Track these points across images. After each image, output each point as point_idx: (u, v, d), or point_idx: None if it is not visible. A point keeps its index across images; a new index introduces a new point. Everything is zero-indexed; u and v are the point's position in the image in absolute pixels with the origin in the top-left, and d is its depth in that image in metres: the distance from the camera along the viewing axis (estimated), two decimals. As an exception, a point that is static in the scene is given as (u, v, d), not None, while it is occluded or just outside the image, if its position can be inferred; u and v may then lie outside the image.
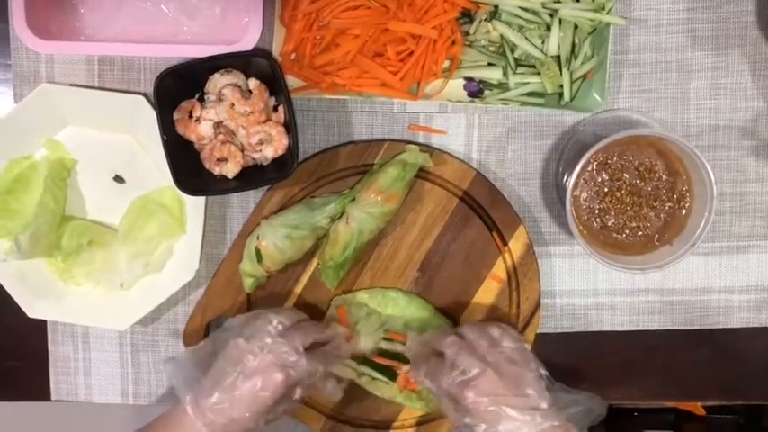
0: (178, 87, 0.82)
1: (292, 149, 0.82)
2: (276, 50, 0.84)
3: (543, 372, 0.78)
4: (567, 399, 0.77)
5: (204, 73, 0.83)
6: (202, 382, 0.75)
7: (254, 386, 0.73)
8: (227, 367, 0.74)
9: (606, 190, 0.83)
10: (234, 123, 0.82)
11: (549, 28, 0.82)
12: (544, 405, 0.74)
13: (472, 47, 0.84)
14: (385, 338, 0.87)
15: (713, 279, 0.90)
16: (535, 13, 0.82)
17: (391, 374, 0.87)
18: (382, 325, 0.86)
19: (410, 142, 0.87)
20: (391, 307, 0.87)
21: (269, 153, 0.83)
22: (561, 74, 0.83)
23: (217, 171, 0.83)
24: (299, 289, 0.88)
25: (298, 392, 0.77)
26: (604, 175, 0.83)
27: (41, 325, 0.92)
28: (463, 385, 0.74)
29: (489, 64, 0.85)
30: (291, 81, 0.84)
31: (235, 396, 0.73)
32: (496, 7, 0.82)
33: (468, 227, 0.87)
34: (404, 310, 0.87)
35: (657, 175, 0.83)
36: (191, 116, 0.83)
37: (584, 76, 0.84)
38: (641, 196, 0.83)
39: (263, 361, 0.74)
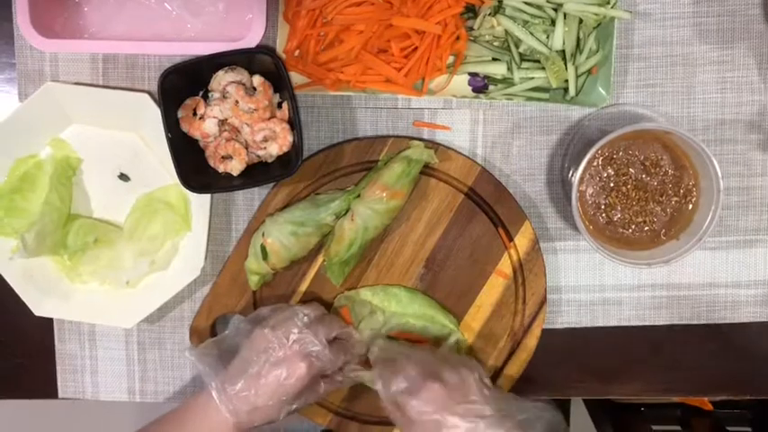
0: (182, 85, 0.82)
1: (297, 146, 0.82)
2: (280, 47, 0.84)
3: (486, 380, 0.79)
4: (515, 406, 0.77)
5: (208, 70, 0.83)
6: (228, 370, 0.77)
7: (279, 375, 0.75)
8: (254, 356, 0.77)
9: (612, 185, 0.82)
10: (238, 121, 0.82)
11: (553, 22, 0.82)
12: (488, 412, 0.74)
13: (476, 42, 0.84)
14: (389, 336, 0.87)
15: (720, 274, 0.90)
16: (539, 7, 0.81)
17: None
18: (386, 322, 0.86)
19: (415, 138, 0.87)
20: (395, 304, 0.87)
21: (273, 150, 0.83)
22: (566, 69, 0.83)
23: (221, 168, 0.83)
24: (304, 286, 0.88)
25: (322, 386, 0.80)
26: (610, 170, 0.82)
27: (48, 323, 0.92)
28: (407, 393, 0.75)
29: (494, 59, 0.84)
30: (295, 78, 0.84)
31: (260, 384, 0.75)
32: (500, 2, 0.82)
33: (474, 223, 0.87)
34: (407, 306, 0.87)
35: (663, 169, 0.82)
36: (195, 114, 0.83)
37: (589, 71, 0.84)
38: (647, 191, 0.82)
39: (290, 351, 0.76)
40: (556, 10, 0.81)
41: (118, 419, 1.41)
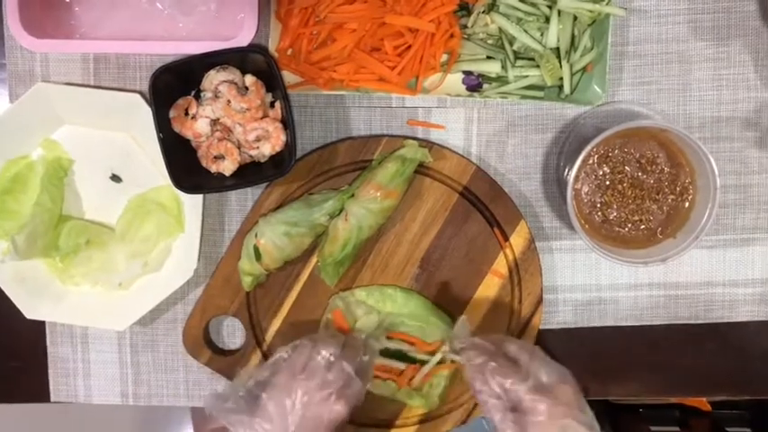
0: (174, 85, 0.82)
1: (290, 146, 0.81)
2: (272, 46, 0.84)
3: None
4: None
5: (200, 70, 0.82)
6: (255, 418, 0.71)
7: (316, 419, 0.72)
8: (281, 402, 0.72)
9: (608, 183, 0.82)
10: (230, 120, 0.82)
11: (547, 20, 0.81)
12: (596, 425, 0.70)
13: (470, 40, 0.84)
14: (389, 338, 0.86)
15: (717, 272, 0.89)
16: (534, 4, 0.81)
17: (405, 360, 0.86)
18: (381, 323, 0.86)
19: (409, 137, 0.86)
20: (390, 304, 0.86)
21: (266, 150, 0.82)
22: (561, 66, 0.82)
23: (214, 169, 0.83)
24: (298, 287, 0.88)
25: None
26: (606, 168, 0.82)
27: (40, 326, 0.91)
28: (539, 394, 0.70)
29: (488, 57, 0.84)
30: (288, 77, 0.84)
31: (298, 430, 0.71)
32: (494, -1, 0.81)
33: (469, 222, 0.86)
34: (402, 307, 0.86)
35: (659, 167, 0.82)
36: (187, 113, 0.82)
37: (584, 69, 0.83)
38: (643, 189, 0.82)
39: (323, 394, 0.72)
40: (550, 7, 0.81)
41: (111, 423, 1.40)
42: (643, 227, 0.83)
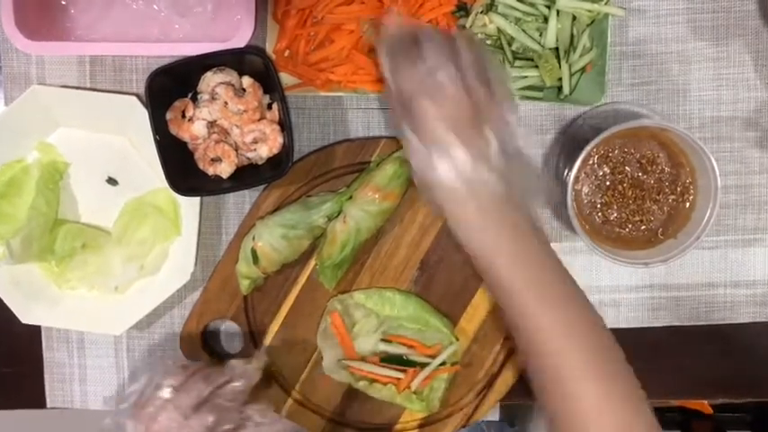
0: (170, 87, 0.81)
1: (287, 148, 0.80)
2: (269, 48, 0.83)
3: (517, 129, 0.67)
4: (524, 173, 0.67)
5: (197, 72, 0.82)
6: None
7: None
8: None
9: (608, 184, 0.81)
10: (228, 122, 0.81)
11: (546, 20, 0.81)
12: (495, 161, 0.63)
13: (469, 41, 0.83)
14: (384, 340, 0.85)
15: (719, 274, 0.88)
16: (532, 4, 0.80)
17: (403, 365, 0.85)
18: (380, 326, 0.85)
19: (407, 139, 0.85)
20: (389, 307, 0.85)
21: (264, 152, 0.82)
22: (560, 67, 0.82)
23: (211, 171, 0.82)
24: (296, 290, 0.87)
25: None
26: (606, 169, 0.81)
27: (36, 331, 0.90)
28: (421, 91, 0.63)
29: (486, 58, 0.83)
30: (286, 78, 0.83)
31: None
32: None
33: (468, 224, 0.86)
34: (401, 310, 0.85)
35: (660, 167, 0.81)
36: (184, 116, 0.82)
37: (583, 69, 0.83)
38: (644, 189, 0.81)
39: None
40: (549, 7, 0.80)
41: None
42: (644, 227, 0.82)
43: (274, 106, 0.82)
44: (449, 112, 0.63)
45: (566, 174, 0.81)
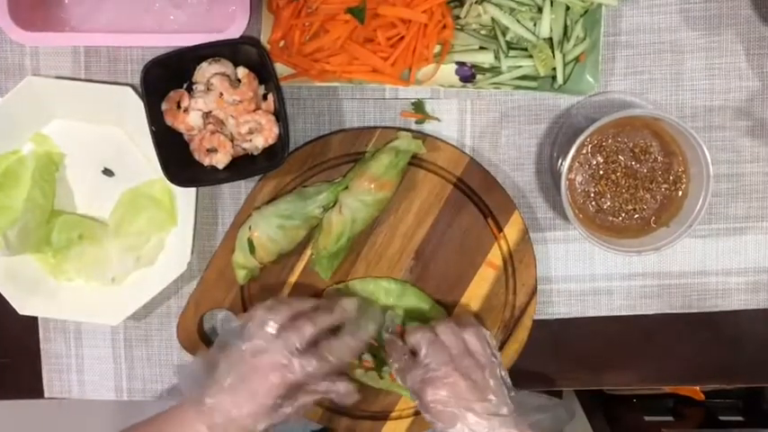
0: (166, 77, 0.81)
1: (283, 138, 0.81)
2: (264, 38, 0.83)
3: (507, 380, 0.79)
4: (531, 404, 0.78)
5: (192, 62, 0.82)
6: (205, 384, 0.75)
7: (251, 388, 0.74)
8: (227, 369, 0.75)
9: (601, 173, 0.82)
10: (223, 113, 0.81)
11: (540, 10, 0.81)
12: (504, 411, 0.75)
13: (463, 31, 0.83)
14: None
15: (710, 262, 0.89)
16: (526, -6, 0.81)
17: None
18: (384, 313, 0.85)
19: (402, 129, 0.86)
20: (384, 297, 0.86)
21: (259, 142, 0.82)
22: (554, 56, 0.82)
23: (207, 162, 0.82)
24: (292, 280, 0.87)
25: (301, 399, 0.77)
26: (599, 158, 0.82)
27: (33, 322, 0.91)
28: (427, 383, 0.76)
29: (481, 48, 0.84)
30: (281, 69, 0.83)
31: (234, 397, 0.74)
32: (487, -10, 0.81)
33: (463, 213, 0.86)
34: (397, 299, 0.86)
35: (653, 156, 0.82)
36: (179, 106, 0.82)
37: (576, 59, 0.83)
38: (637, 178, 0.82)
39: (259, 363, 0.74)
40: (543, -3, 0.81)
41: (105, 418, 1.40)
42: (637, 216, 0.83)
43: (269, 97, 0.82)
44: (451, 393, 0.75)
45: (560, 163, 0.82)
